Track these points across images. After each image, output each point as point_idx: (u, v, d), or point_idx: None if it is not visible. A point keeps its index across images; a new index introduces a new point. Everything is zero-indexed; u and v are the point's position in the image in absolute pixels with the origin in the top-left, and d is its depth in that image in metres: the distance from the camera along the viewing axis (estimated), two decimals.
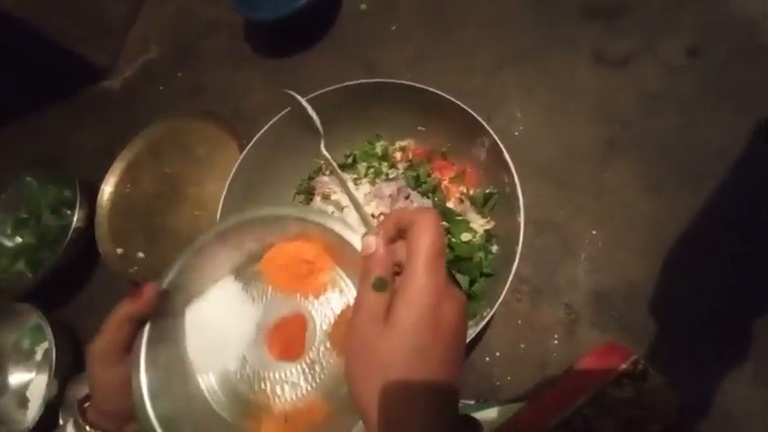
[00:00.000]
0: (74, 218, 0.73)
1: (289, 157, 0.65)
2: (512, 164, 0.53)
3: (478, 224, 0.58)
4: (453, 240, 0.56)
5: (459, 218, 0.57)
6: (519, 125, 0.70)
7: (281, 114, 0.61)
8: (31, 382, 0.75)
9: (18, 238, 0.83)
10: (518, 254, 0.49)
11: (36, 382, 0.74)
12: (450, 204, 0.60)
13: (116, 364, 0.35)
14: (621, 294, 0.58)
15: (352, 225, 0.35)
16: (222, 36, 0.96)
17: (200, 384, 0.38)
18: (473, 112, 0.55)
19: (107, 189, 0.80)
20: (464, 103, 0.56)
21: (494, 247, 0.57)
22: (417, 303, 0.26)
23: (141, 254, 0.76)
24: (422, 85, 0.58)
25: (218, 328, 0.39)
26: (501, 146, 0.53)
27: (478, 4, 0.80)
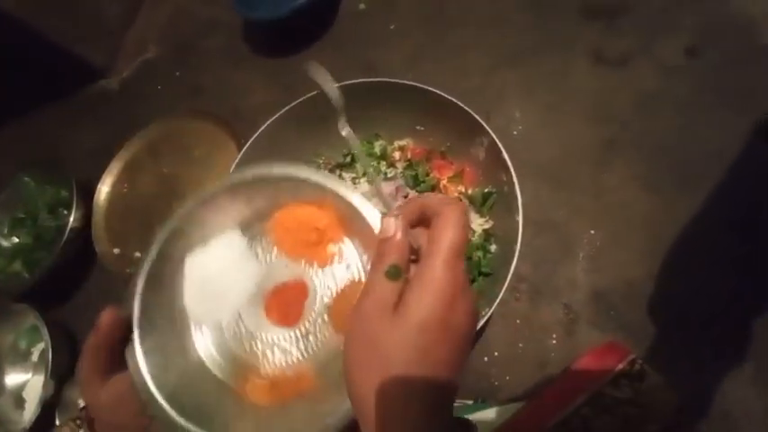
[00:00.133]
0: (70, 218, 0.73)
1: (287, 157, 0.65)
2: (510, 163, 0.53)
3: (477, 223, 0.58)
4: None
5: None
6: (518, 125, 0.69)
7: (279, 114, 0.61)
8: (27, 382, 0.75)
9: (15, 239, 0.82)
10: (516, 253, 0.49)
11: (32, 382, 0.74)
12: None
13: (103, 384, 0.35)
14: (620, 294, 0.58)
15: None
16: (221, 36, 0.96)
17: (192, 335, 0.37)
18: (472, 112, 0.55)
19: (104, 189, 0.80)
20: (463, 103, 0.56)
21: (492, 247, 0.57)
22: (430, 300, 0.25)
23: (138, 254, 0.75)
24: (421, 84, 0.58)
25: (217, 281, 0.38)
26: (500, 145, 0.53)
27: (478, 3, 0.80)
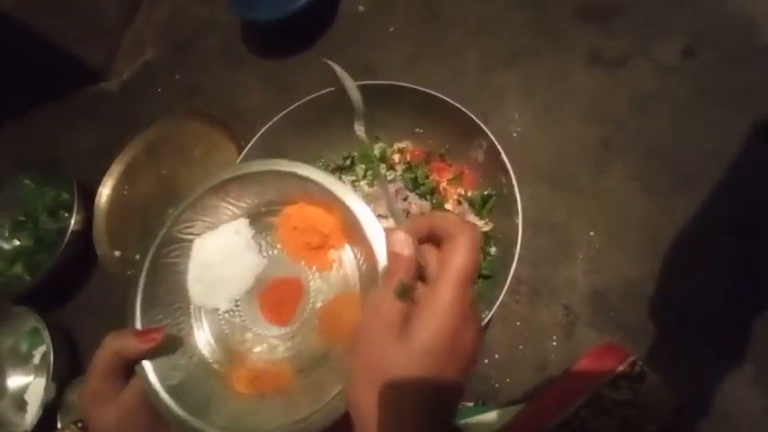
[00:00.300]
0: (71, 220, 0.73)
1: (287, 159, 0.65)
2: (509, 165, 0.53)
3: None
4: None
5: None
6: (516, 126, 0.70)
7: (278, 116, 0.61)
8: (29, 385, 0.75)
9: (15, 241, 0.83)
10: (516, 255, 0.49)
11: (34, 385, 0.74)
12: (449, 206, 0.60)
13: (112, 401, 0.34)
14: (619, 295, 0.58)
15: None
16: (219, 37, 0.96)
17: (191, 315, 0.38)
18: (471, 114, 0.55)
19: (104, 191, 0.80)
20: (462, 104, 0.56)
21: (492, 249, 0.57)
22: (438, 325, 0.25)
23: (138, 256, 0.75)
24: (420, 86, 0.58)
25: (219, 267, 0.38)
26: (498, 147, 0.53)
27: (476, 5, 0.80)
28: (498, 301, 0.48)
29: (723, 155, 0.62)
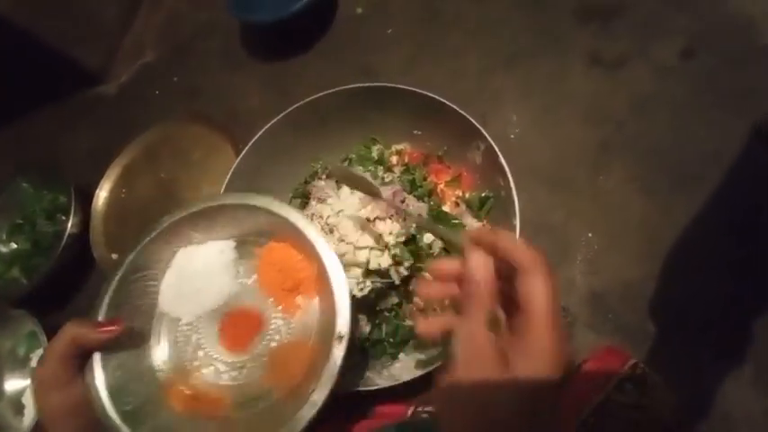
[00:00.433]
0: (68, 223, 0.73)
1: (285, 162, 0.65)
2: (507, 168, 0.53)
3: (474, 228, 0.58)
4: None
5: (456, 222, 0.57)
6: (514, 128, 0.69)
7: (277, 118, 0.61)
8: (26, 388, 0.75)
9: (13, 244, 0.82)
10: None
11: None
12: (446, 208, 0.60)
13: (62, 388, 0.34)
14: (618, 296, 0.58)
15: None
16: (218, 39, 0.96)
17: (153, 321, 0.39)
18: (469, 116, 0.55)
19: (102, 194, 0.80)
20: (460, 106, 0.56)
21: None
22: (541, 368, 0.25)
23: (116, 256, 0.75)
24: (418, 88, 0.58)
25: (195, 280, 0.39)
26: (496, 149, 0.53)
27: (473, 7, 0.80)
28: None
29: (723, 156, 0.61)
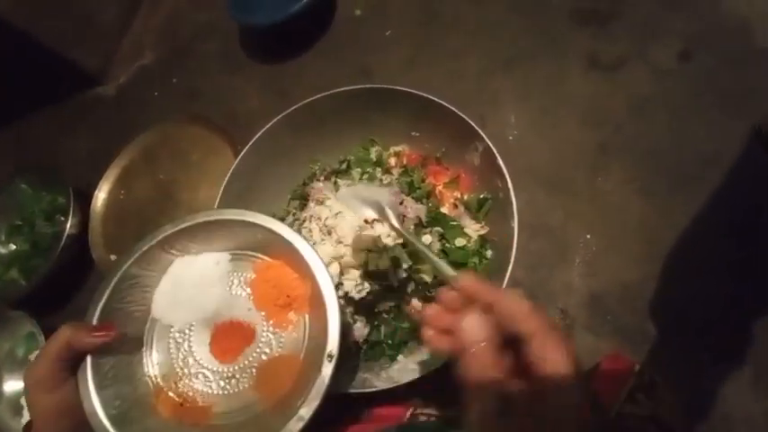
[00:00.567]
0: (67, 224, 0.73)
1: (283, 163, 0.65)
2: (505, 169, 0.53)
3: (473, 229, 0.58)
4: (448, 246, 0.56)
5: (454, 223, 0.57)
6: (513, 129, 0.70)
7: (275, 120, 0.61)
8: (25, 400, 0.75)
9: (12, 246, 0.82)
10: (512, 259, 0.49)
11: None
12: (445, 209, 0.60)
13: (55, 389, 0.34)
14: (616, 298, 0.58)
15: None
16: (217, 41, 0.96)
17: (146, 327, 0.40)
18: (467, 118, 0.55)
19: (101, 195, 0.80)
20: (458, 108, 0.56)
21: (488, 253, 0.57)
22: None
23: (114, 257, 0.75)
24: (416, 90, 0.58)
25: (189, 289, 0.40)
26: (494, 151, 0.53)
27: (472, 9, 0.81)
28: None
29: (721, 157, 0.61)
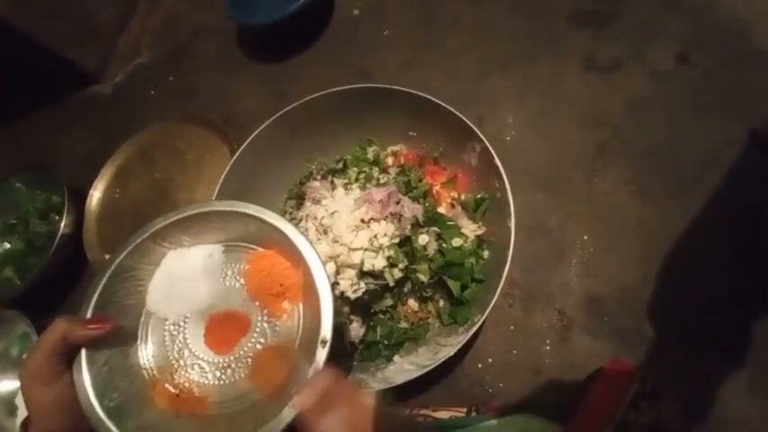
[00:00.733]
0: (61, 223, 0.72)
1: (280, 162, 0.64)
2: (503, 169, 0.53)
3: (470, 229, 0.58)
4: (444, 246, 0.56)
5: (451, 223, 0.57)
6: (510, 130, 0.70)
7: (272, 119, 0.61)
8: (19, 389, 0.74)
9: (6, 244, 0.82)
10: (509, 259, 0.49)
11: None
12: (442, 209, 0.60)
13: (51, 383, 0.34)
14: (614, 299, 0.58)
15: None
16: (214, 40, 0.96)
17: (140, 320, 0.40)
18: (464, 118, 0.55)
19: (96, 194, 0.79)
20: (456, 108, 0.56)
21: (485, 253, 0.57)
22: None
23: (108, 257, 0.74)
24: (414, 90, 0.58)
25: (183, 282, 0.40)
26: (492, 151, 0.53)
27: (470, 10, 0.81)
28: (491, 305, 0.48)
29: (718, 159, 0.62)
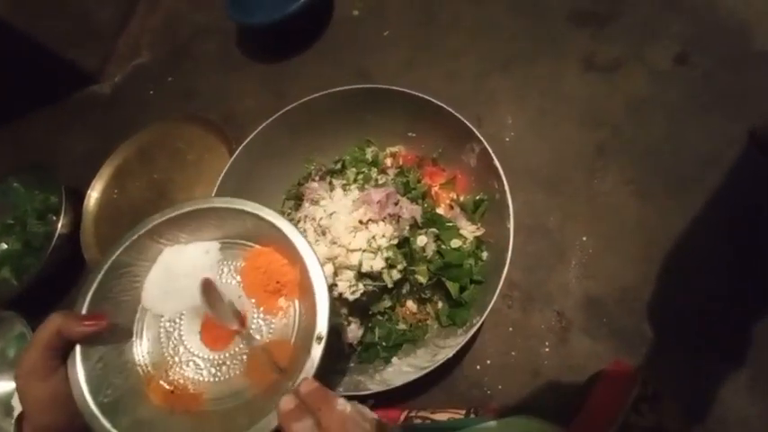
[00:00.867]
0: (59, 224, 0.72)
1: (278, 163, 0.64)
2: (502, 171, 0.52)
3: (468, 231, 0.57)
4: (443, 247, 0.55)
5: (450, 224, 0.57)
6: (510, 131, 0.69)
7: (271, 119, 0.61)
8: (16, 390, 0.74)
9: (3, 245, 0.81)
10: (508, 260, 0.49)
11: None
12: (441, 211, 0.60)
13: (45, 378, 0.34)
14: (613, 300, 0.58)
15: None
16: (214, 40, 0.96)
17: (136, 316, 0.40)
18: (463, 119, 0.55)
19: (94, 195, 0.79)
20: (455, 109, 0.56)
21: (484, 254, 0.57)
22: None
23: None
24: (413, 90, 0.58)
25: (180, 279, 0.40)
26: (491, 152, 0.53)
27: (470, 10, 0.81)
28: (490, 307, 0.47)
29: (718, 159, 0.61)
